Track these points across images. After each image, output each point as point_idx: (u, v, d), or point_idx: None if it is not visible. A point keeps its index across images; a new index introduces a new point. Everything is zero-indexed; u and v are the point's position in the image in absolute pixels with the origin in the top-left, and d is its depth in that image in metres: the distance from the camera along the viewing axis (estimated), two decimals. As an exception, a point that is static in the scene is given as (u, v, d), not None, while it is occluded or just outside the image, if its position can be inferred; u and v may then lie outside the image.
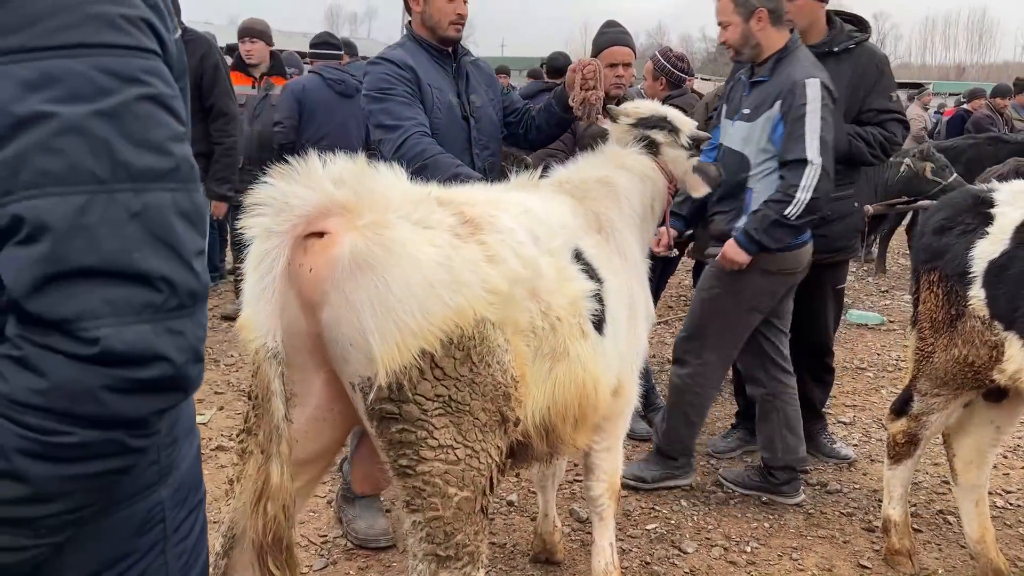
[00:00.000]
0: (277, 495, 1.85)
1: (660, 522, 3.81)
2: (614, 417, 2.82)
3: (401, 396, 1.90)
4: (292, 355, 1.94)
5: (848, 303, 7.89)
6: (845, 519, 3.85)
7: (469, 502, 2.02)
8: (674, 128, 3.08)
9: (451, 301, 1.88)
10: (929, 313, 3.23)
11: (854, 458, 4.48)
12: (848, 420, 5.05)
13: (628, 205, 2.89)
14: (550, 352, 2.23)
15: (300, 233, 1.87)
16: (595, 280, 2.46)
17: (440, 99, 3.39)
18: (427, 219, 1.96)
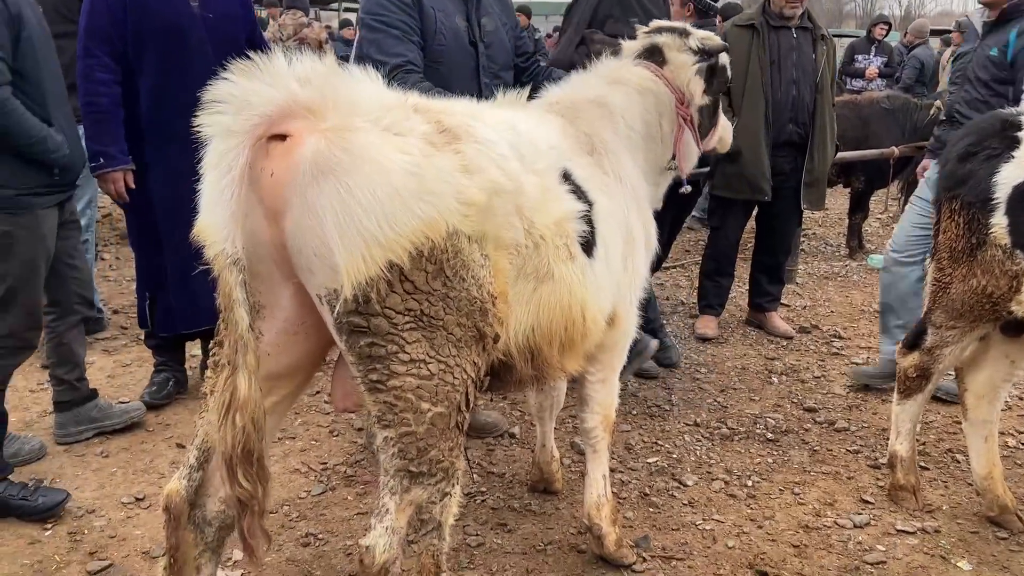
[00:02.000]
0: (246, 406, 1.80)
1: (662, 456, 3.75)
2: (609, 347, 2.73)
3: (369, 309, 1.82)
4: (257, 266, 1.87)
5: (871, 248, 7.75)
6: (851, 456, 3.77)
7: (443, 418, 1.95)
8: (685, 32, 2.92)
9: (420, 211, 1.78)
10: (948, 243, 3.09)
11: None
12: (861, 361, 4.94)
13: (625, 125, 2.74)
14: (534, 272, 2.15)
15: (261, 134, 1.77)
16: (584, 202, 2.35)
17: (445, 23, 3.21)
18: (398, 125, 1.84)
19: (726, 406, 4.29)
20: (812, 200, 5.10)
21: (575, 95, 2.76)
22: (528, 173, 2.13)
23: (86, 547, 2.97)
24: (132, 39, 3.59)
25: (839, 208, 8.83)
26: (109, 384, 4.35)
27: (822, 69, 4.90)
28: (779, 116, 4.91)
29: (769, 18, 4.91)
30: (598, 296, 2.40)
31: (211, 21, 3.72)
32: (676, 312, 5.88)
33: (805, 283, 6.61)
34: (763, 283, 5.42)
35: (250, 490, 1.88)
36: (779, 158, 4.99)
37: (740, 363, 4.89)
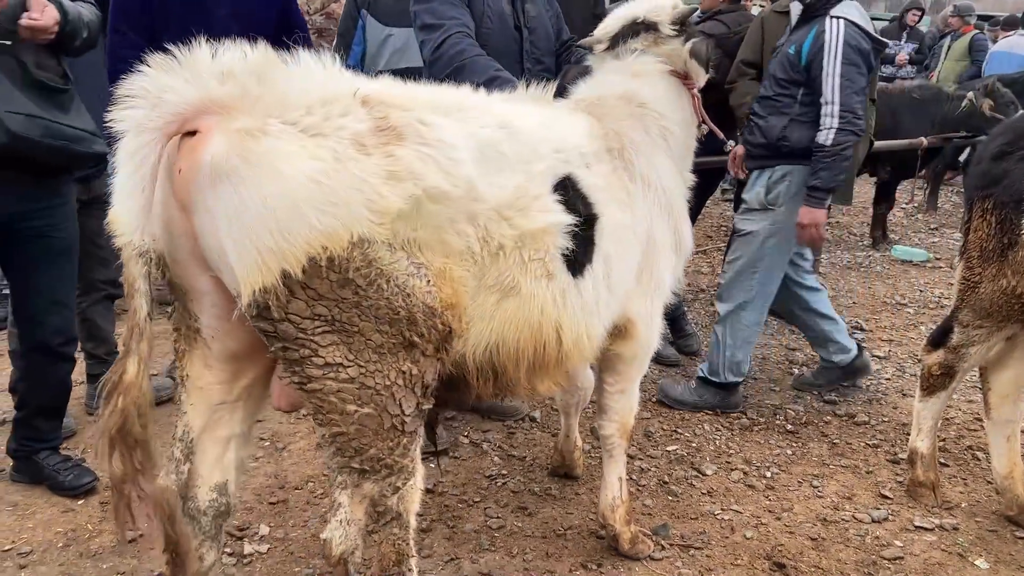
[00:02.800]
0: (129, 390, 1.82)
1: (681, 444, 3.78)
2: (627, 359, 2.71)
3: (271, 315, 1.79)
4: (176, 253, 1.88)
5: (895, 238, 7.70)
6: (870, 450, 3.79)
7: (373, 419, 1.92)
8: (650, 26, 2.75)
9: (318, 222, 1.72)
10: (979, 242, 3.08)
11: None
12: (883, 354, 4.94)
13: (657, 117, 2.66)
14: (496, 284, 2.08)
15: (173, 132, 1.76)
16: (584, 215, 2.25)
17: (492, 6, 3.21)
18: (322, 125, 1.77)
19: (746, 396, 4.30)
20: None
21: (603, 91, 2.68)
22: (500, 175, 2.05)
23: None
24: (158, 13, 3.57)
25: (864, 196, 8.76)
26: (137, 356, 4.42)
27: None
28: None
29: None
30: (585, 318, 2.31)
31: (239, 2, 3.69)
32: (697, 299, 5.88)
33: (827, 273, 6.59)
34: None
35: (121, 473, 1.88)
36: None
37: (761, 352, 4.90)
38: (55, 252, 2.92)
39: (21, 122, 2.54)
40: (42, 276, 2.91)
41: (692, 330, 4.86)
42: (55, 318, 2.99)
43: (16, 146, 2.54)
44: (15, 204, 2.75)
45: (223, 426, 2.15)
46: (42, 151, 2.62)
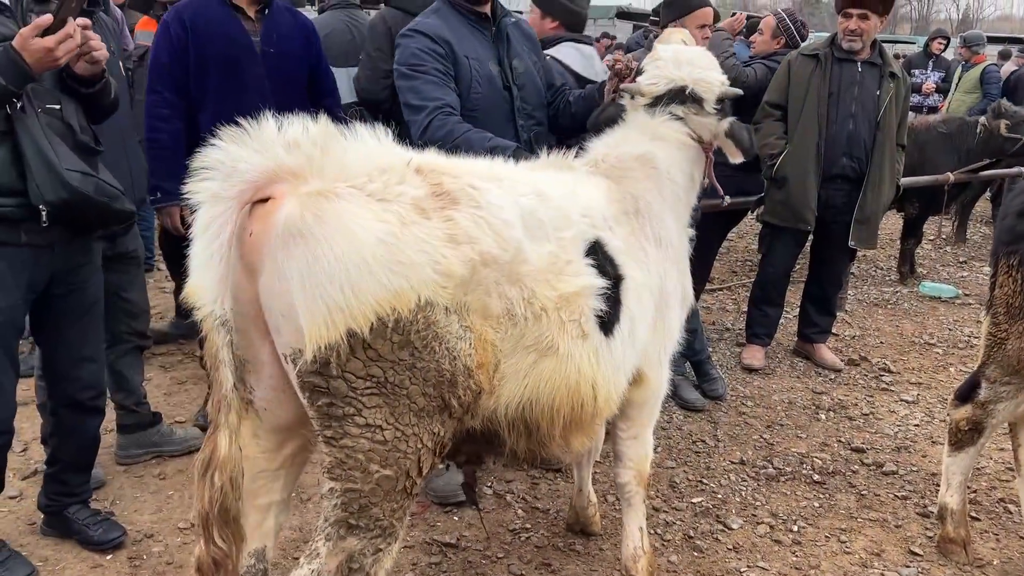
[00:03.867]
0: (225, 465, 1.86)
1: (707, 495, 3.76)
2: (639, 405, 2.74)
3: (328, 371, 1.84)
4: (240, 322, 1.92)
5: (923, 273, 7.63)
6: (899, 502, 3.74)
7: (390, 480, 1.96)
8: (696, 98, 2.79)
9: (388, 282, 1.79)
10: (1005, 298, 3.05)
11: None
12: (911, 398, 4.87)
13: (670, 183, 2.72)
14: (534, 344, 2.13)
15: (247, 199, 1.83)
16: (612, 277, 2.33)
17: (479, 70, 3.21)
18: (385, 190, 1.86)
19: (772, 443, 4.27)
20: (862, 238, 5.03)
21: (621, 152, 2.73)
22: (540, 242, 2.12)
23: (145, 573, 3.08)
24: (194, 72, 3.67)
25: (891, 229, 8.70)
26: (166, 402, 4.48)
27: (885, 106, 4.83)
28: (833, 149, 4.87)
29: (835, 50, 4.87)
30: (615, 375, 2.37)
31: (271, 56, 3.76)
32: (722, 339, 5.85)
33: (854, 310, 6.53)
34: (812, 313, 5.38)
35: (224, 550, 1.92)
36: (831, 191, 4.95)
37: (787, 397, 4.86)
38: (83, 308, 2.99)
39: (79, 179, 2.64)
40: (72, 332, 2.98)
41: (717, 374, 4.83)
42: (85, 373, 3.05)
43: (75, 201, 2.64)
44: (62, 261, 2.84)
45: (264, 494, 2.21)
46: (92, 208, 2.72)
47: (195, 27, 3.57)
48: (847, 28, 4.79)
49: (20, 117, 2.57)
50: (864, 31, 4.76)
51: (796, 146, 4.85)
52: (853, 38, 4.78)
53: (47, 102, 2.68)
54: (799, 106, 4.83)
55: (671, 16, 4.24)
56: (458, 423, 2.08)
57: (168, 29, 3.60)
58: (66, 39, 2.47)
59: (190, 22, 3.56)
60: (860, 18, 4.74)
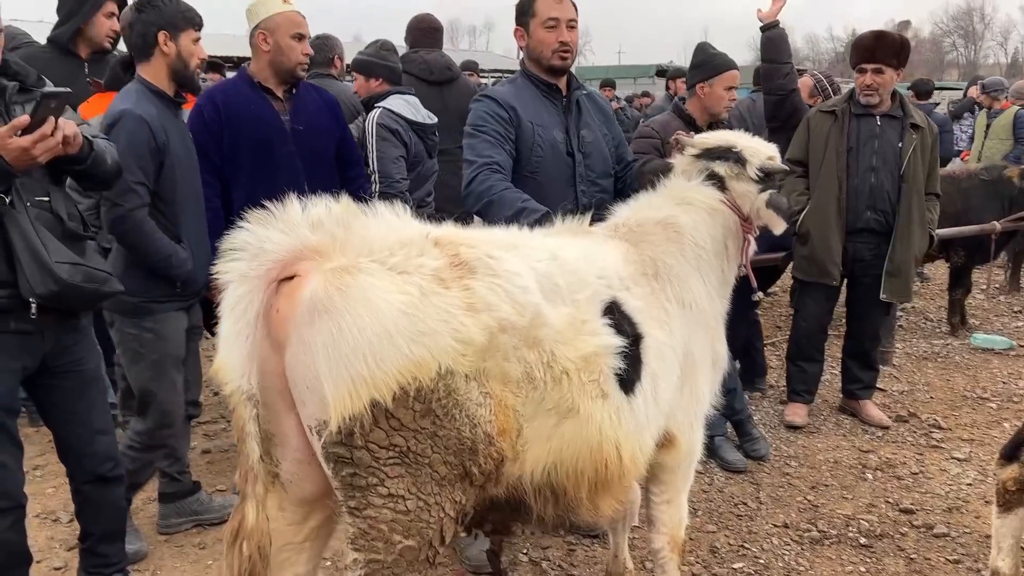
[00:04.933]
0: (252, 535, 1.92)
1: (748, 561, 3.66)
2: (671, 469, 2.73)
3: (352, 442, 1.89)
4: (266, 396, 1.98)
5: (975, 324, 7.43)
6: (950, 566, 3.59)
7: (413, 551, 1.98)
8: (740, 159, 2.86)
9: (410, 351, 1.85)
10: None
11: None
12: (963, 456, 4.71)
13: (693, 246, 2.74)
14: (555, 407, 2.15)
15: (274, 278, 1.91)
16: (630, 335, 2.35)
17: (543, 136, 3.39)
18: (406, 263, 1.94)
19: (817, 505, 4.16)
20: (893, 291, 4.95)
21: (642, 216, 2.79)
22: (557, 304, 2.16)
23: (183, 644, 3.11)
24: (228, 152, 3.82)
25: (940, 279, 8.51)
26: (208, 470, 4.57)
27: (909, 157, 4.80)
28: (856, 202, 4.86)
29: (853, 105, 4.89)
30: (639, 434, 2.38)
31: (301, 134, 3.92)
32: (766, 396, 5.75)
33: (903, 364, 6.37)
34: (853, 369, 5.27)
35: None
36: (858, 244, 4.92)
37: (832, 456, 4.74)
38: (85, 384, 3.05)
39: (67, 270, 2.73)
40: (80, 408, 3.04)
41: (758, 433, 4.74)
42: (101, 447, 3.10)
43: (64, 292, 2.73)
44: (52, 344, 2.90)
45: (290, 566, 2.24)
46: (82, 295, 2.82)
47: (228, 110, 3.75)
48: (863, 83, 4.81)
49: (9, 212, 2.65)
50: (880, 85, 4.78)
51: (817, 201, 4.85)
52: (870, 93, 4.79)
53: (36, 195, 2.77)
54: (818, 162, 4.85)
55: (698, 77, 4.30)
56: (480, 491, 2.10)
57: (202, 113, 3.78)
58: (43, 139, 2.54)
59: (223, 105, 3.74)
60: (875, 72, 4.76)
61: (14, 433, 2.87)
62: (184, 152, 3.43)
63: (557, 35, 3.39)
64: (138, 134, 3.20)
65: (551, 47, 3.39)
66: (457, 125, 5.08)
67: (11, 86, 2.78)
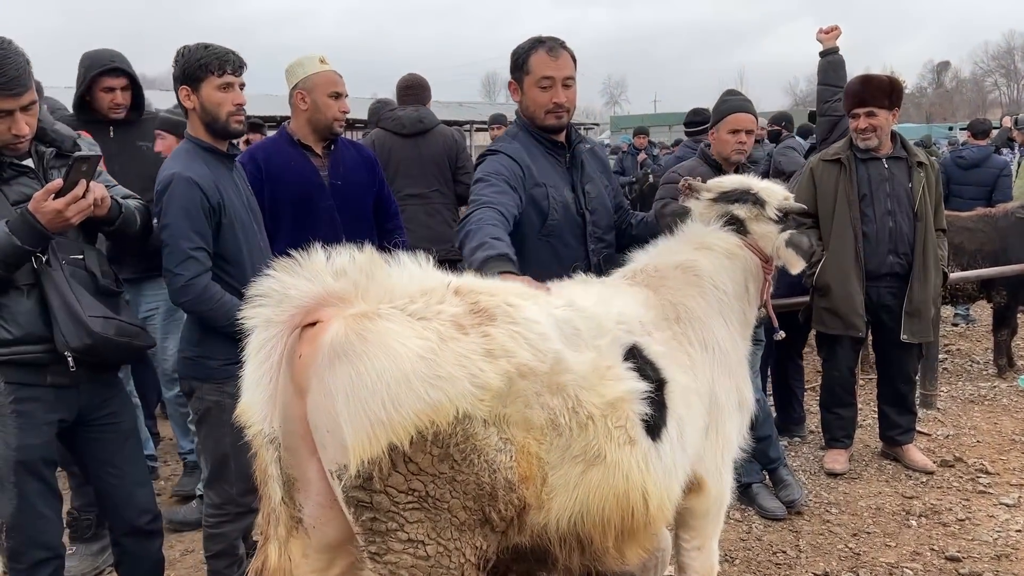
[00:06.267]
0: (276, 575, 1.95)
1: (787, 610, 3.58)
2: (701, 514, 2.72)
3: (372, 486, 1.91)
4: (290, 441, 2.02)
5: (1023, 365, 7.23)
6: (1000, 617, 3.47)
7: None
8: (759, 200, 2.89)
9: (427, 395, 1.87)
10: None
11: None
12: (1012, 502, 4.56)
13: (713, 290, 2.76)
14: (581, 454, 2.15)
15: (298, 324, 1.97)
16: (654, 380, 2.36)
17: (556, 197, 3.25)
18: (425, 310, 1.98)
19: (859, 553, 4.06)
20: (914, 331, 4.86)
21: (661, 262, 2.82)
22: (579, 350, 2.18)
23: None
24: (269, 207, 3.90)
25: (985, 320, 8.32)
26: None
27: (920, 196, 4.78)
28: (877, 249, 4.81)
29: (856, 151, 4.87)
30: (666, 481, 2.37)
31: (339, 188, 4.02)
32: (806, 442, 5.66)
33: (948, 408, 6.22)
34: (891, 415, 5.17)
35: None
36: (882, 290, 4.87)
37: (874, 502, 4.63)
38: (123, 436, 3.14)
39: (101, 324, 2.84)
40: (120, 460, 3.11)
41: (792, 480, 4.64)
42: (139, 499, 3.16)
43: (97, 345, 2.84)
44: (88, 398, 3.00)
45: None
46: (114, 348, 2.92)
47: (268, 167, 3.87)
48: (858, 128, 4.80)
49: (45, 270, 2.79)
50: (876, 127, 4.76)
51: (834, 252, 4.79)
52: (867, 136, 4.77)
53: (71, 253, 2.90)
54: (829, 211, 4.80)
55: (711, 123, 4.40)
56: (502, 537, 2.11)
57: (244, 170, 3.90)
58: (75, 200, 2.69)
59: (264, 162, 3.87)
60: (867, 116, 4.75)
61: (53, 485, 2.96)
62: (242, 207, 3.34)
63: (551, 96, 3.22)
64: (189, 197, 3.09)
65: (544, 107, 3.23)
66: (431, 170, 5.56)
67: (48, 152, 2.96)
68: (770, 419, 4.77)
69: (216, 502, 3.28)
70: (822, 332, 5.06)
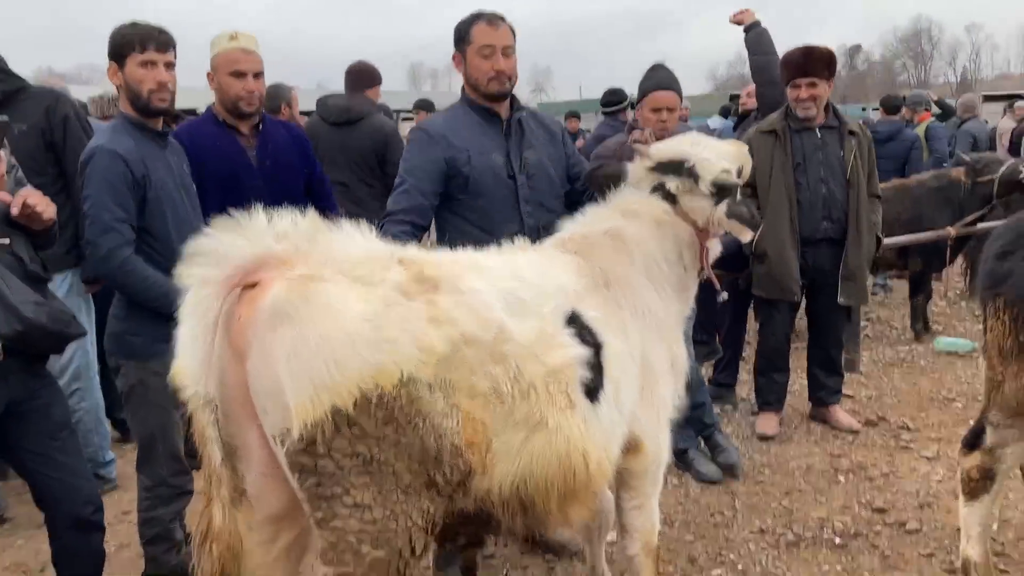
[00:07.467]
0: (221, 536, 1.94)
1: (727, 567, 3.69)
2: (640, 474, 2.77)
3: (316, 450, 1.89)
4: (230, 407, 1.98)
5: (938, 329, 7.58)
6: (924, 560, 3.65)
7: (382, 563, 1.98)
8: (693, 174, 2.86)
9: (371, 357, 1.86)
10: (996, 341, 3.06)
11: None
12: (932, 454, 4.79)
13: (643, 256, 2.78)
14: (524, 421, 2.17)
15: (235, 283, 1.93)
16: (592, 345, 2.39)
17: (480, 161, 3.37)
18: (370, 275, 1.97)
19: (792, 510, 4.20)
20: (850, 294, 5.06)
21: (589, 229, 2.83)
22: (523, 319, 2.20)
23: None
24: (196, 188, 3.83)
25: (903, 290, 8.67)
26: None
27: (852, 163, 4.95)
28: (811, 215, 4.97)
29: (791, 121, 5.02)
30: (605, 441, 2.40)
31: (268, 168, 3.95)
32: (737, 410, 5.81)
33: (870, 372, 6.48)
34: (820, 376, 5.36)
35: None
36: (818, 254, 5.03)
37: (805, 462, 4.80)
38: (58, 426, 3.02)
39: (32, 309, 2.73)
40: (52, 450, 2.99)
41: (728, 444, 4.77)
42: (79, 491, 3.05)
43: (29, 332, 2.73)
44: (19, 389, 2.88)
45: None
46: (47, 335, 2.80)
47: (193, 147, 3.76)
48: (799, 97, 4.93)
49: None
50: (815, 97, 4.91)
51: (770, 220, 4.90)
52: (807, 105, 4.92)
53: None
54: (766, 181, 4.92)
55: (638, 101, 4.48)
56: (448, 501, 2.11)
57: None
58: None
59: (188, 142, 3.76)
60: (809, 86, 4.89)
61: None
62: (174, 185, 3.30)
63: (492, 63, 3.37)
64: (112, 170, 3.06)
65: (487, 75, 3.38)
66: (357, 160, 5.58)
67: None
68: (704, 386, 4.88)
69: (147, 484, 3.21)
70: (760, 297, 5.21)
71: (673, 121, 4.34)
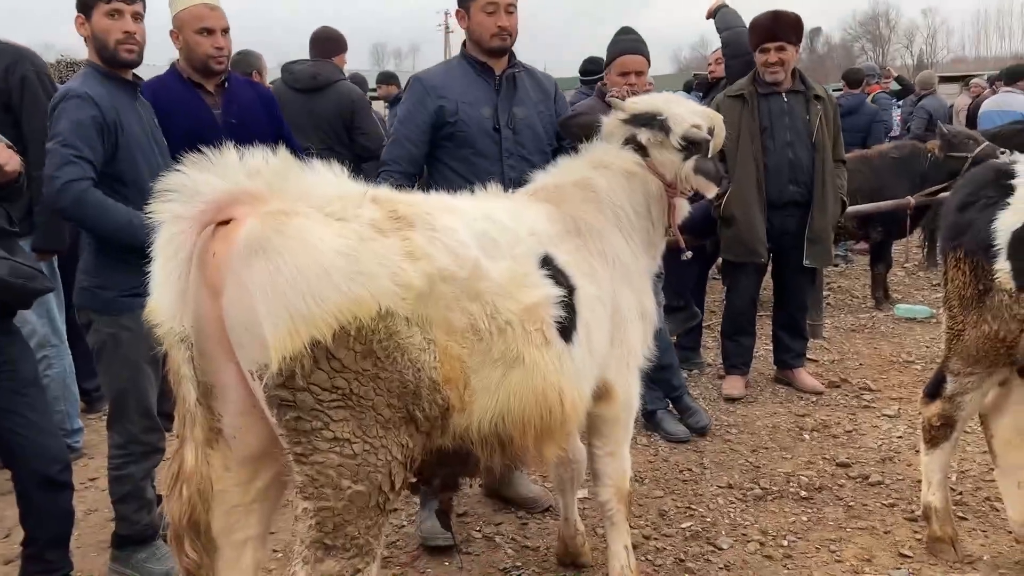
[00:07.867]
0: (192, 478, 1.91)
1: (696, 520, 3.76)
2: (611, 421, 2.81)
3: (294, 384, 1.89)
4: (204, 344, 1.97)
5: (897, 298, 7.74)
6: (887, 510, 3.75)
7: (362, 496, 1.99)
8: (664, 127, 2.87)
9: (349, 290, 1.86)
10: (957, 291, 3.15)
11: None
12: (893, 413, 4.92)
13: (612, 206, 2.81)
14: (501, 358, 2.20)
15: (208, 220, 1.91)
16: (565, 287, 2.42)
17: (468, 112, 3.52)
18: (344, 212, 1.97)
19: (759, 466, 4.29)
20: (816, 256, 5.15)
21: (560, 180, 2.86)
22: (496, 259, 2.22)
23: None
24: None
25: (863, 261, 8.85)
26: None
27: (817, 128, 5.03)
28: (777, 179, 5.04)
29: (758, 86, 5.08)
30: (578, 381, 2.44)
31: (234, 127, 3.88)
32: (704, 374, 5.90)
33: (832, 337, 6.61)
34: (784, 340, 5.46)
35: (196, 560, 1.97)
36: (784, 218, 5.11)
37: (770, 422, 4.89)
38: (26, 382, 2.97)
39: None
40: (21, 406, 2.94)
41: (697, 406, 4.85)
42: (50, 447, 3.00)
43: None
44: None
45: (240, 529, 2.21)
46: (9, 290, 2.74)
47: (157, 105, 3.68)
48: (767, 62, 5.00)
49: None
50: (784, 61, 4.98)
51: (737, 184, 4.99)
52: (775, 70, 4.99)
53: None
54: (734, 146, 4.97)
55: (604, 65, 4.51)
56: (427, 438, 2.13)
57: None
58: None
59: (152, 99, 3.69)
60: (778, 50, 4.97)
61: None
62: (144, 136, 3.25)
63: (496, 19, 3.50)
64: (81, 110, 3.01)
65: (490, 31, 3.51)
66: (324, 127, 5.49)
67: None
68: (671, 349, 4.94)
69: (119, 442, 3.16)
70: (728, 260, 5.28)
71: (642, 85, 4.35)
